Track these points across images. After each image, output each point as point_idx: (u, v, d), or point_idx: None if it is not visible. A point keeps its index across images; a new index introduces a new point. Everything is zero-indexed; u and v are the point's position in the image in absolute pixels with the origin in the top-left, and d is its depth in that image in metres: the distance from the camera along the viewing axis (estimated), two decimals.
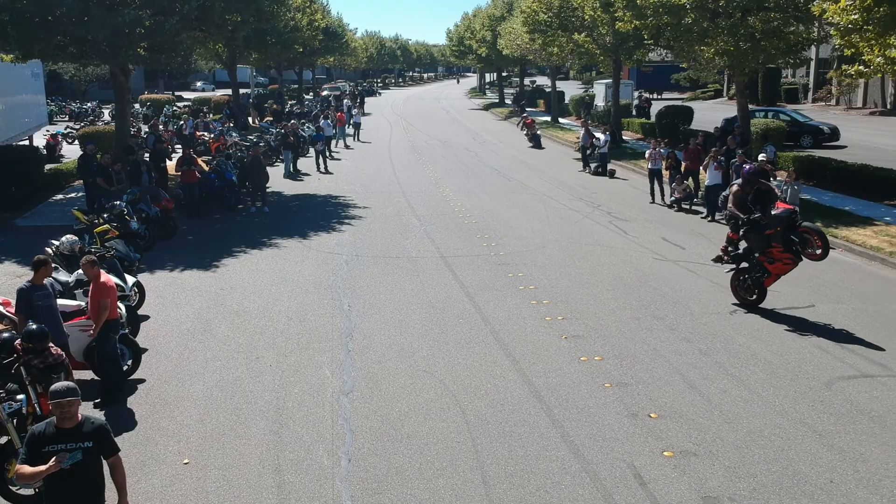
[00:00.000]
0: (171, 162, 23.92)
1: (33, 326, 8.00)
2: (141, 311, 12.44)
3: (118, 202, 16.35)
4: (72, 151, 32.23)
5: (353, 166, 31.04)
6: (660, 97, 64.37)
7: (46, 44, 20.72)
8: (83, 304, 10.45)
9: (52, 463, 5.40)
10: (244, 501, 7.42)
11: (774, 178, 20.10)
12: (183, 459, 8.17)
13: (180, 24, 21.18)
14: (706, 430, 8.60)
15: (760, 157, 19.20)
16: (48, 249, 13.01)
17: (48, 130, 35.03)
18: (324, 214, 21.03)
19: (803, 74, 59.00)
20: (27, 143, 29.35)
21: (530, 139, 37.65)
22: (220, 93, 68.04)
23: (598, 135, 28.63)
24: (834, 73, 24.44)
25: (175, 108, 49.27)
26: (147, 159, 22.50)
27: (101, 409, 9.41)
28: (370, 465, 7.99)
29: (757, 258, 12.56)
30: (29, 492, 7.32)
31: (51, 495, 5.69)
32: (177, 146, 30.71)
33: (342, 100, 56.02)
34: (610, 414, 9.04)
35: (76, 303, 10.75)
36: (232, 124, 38.59)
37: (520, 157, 33.34)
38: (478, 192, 24.23)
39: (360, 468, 7.93)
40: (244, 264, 15.93)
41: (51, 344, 7.97)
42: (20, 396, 7.72)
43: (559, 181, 26.23)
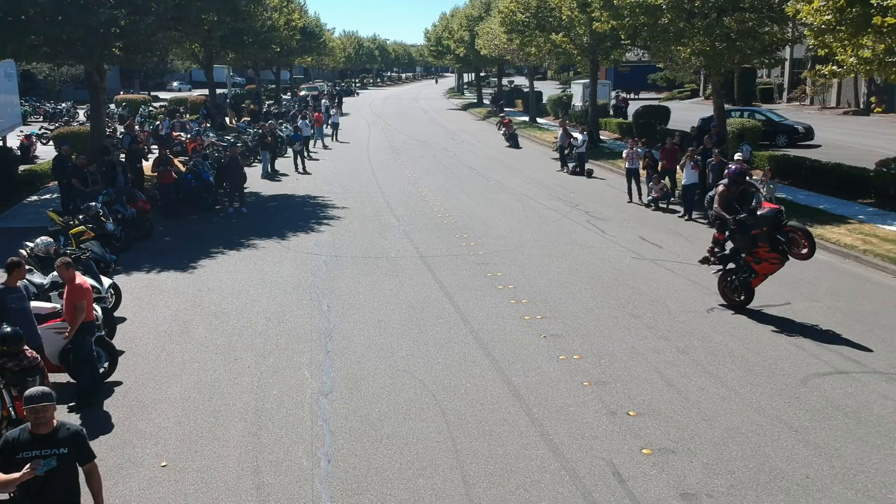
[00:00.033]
0: (148, 162, 23.74)
1: (7, 329, 7.91)
2: (117, 313, 12.34)
3: (94, 203, 16.20)
4: (46, 152, 31.88)
5: (331, 166, 30.95)
6: (637, 97, 64.74)
7: (20, 43, 20.48)
8: (58, 306, 10.34)
9: (26, 470, 5.31)
10: None
11: (750, 177, 20.29)
12: (161, 462, 8.10)
13: (156, 23, 21.02)
14: (684, 428, 8.66)
15: (736, 156, 19.38)
16: (22, 251, 12.85)
17: (22, 131, 34.54)
18: (302, 215, 20.95)
19: (778, 74, 59.60)
20: (0, 144, 28.99)
21: (508, 139, 37.75)
22: (196, 93, 67.58)
23: (575, 135, 28.75)
24: (808, 73, 24.70)
25: (151, 108, 48.88)
26: (123, 160, 22.29)
27: (77, 413, 9.32)
28: (350, 465, 7.97)
29: (743, 258, 12.47)
30: (3, 496, 7.23)
31: (25, 503, 5.61)
32: (153, 147, 30.50)
33: (320, 100, 55.83)
34: (589, 412, 9.08)
35: (51, 305, 10.64)
36: (209, 124, 38.38)
37: (498, 156, 33.41)
38: (456, 191, 24.25)
39: (339, 469, 7.91)
40: (222, 265, 15.83)
41: (25, 347, 7.88)
42: None
43: (537, 181, 26.31)
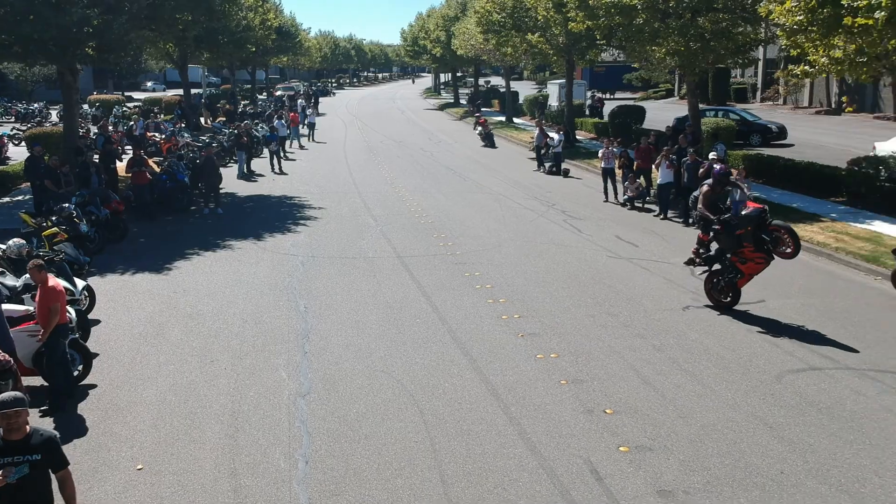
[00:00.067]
0: (122, 163, 23.56)
1: None
2: (91, 316, 12.20)
3: (67, 205, 16.03)
4: (18, 153, 31.45)
5: (307, 167, 30.84)
6: (612, 97, 65.04)
7: None
8: (31, 308, 10.22)
9: None
10: None
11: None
12: (136, 465, 8.04)
13: (129, 23, 20.84)
14: (661, 425, 8.73)
15: (711, 155, 19.51)
16: None
17: None
18: (279, 215, 20.86)
19: (752, 74, 60.19)
20: None
21: (483, 138, 37.83)
22: (171, 93, 67.01)
23: (552, 134, 28.85)
24: (781, 73, 24.99)
25: (125, 108, 48.44)
26: (96, 161, 22.08)
27: (51, 416, 9.21)
28: (328, 466, 7.95)
29: (729, 259, 12.42)
30: None
31: None
32: (127, 147, 30.23)
33: (296, 100, 55.60)
34: (566, 410, 9.12)
35: (24, 308, 10.51)
36: (184, 125, 38.08)
37: (475, 156, 33.45)
38: (433, 191, 24.25)
39: (317, 470, 7.88)
40: (197, 267, 15.72)
41: None
42: None
43: (514, 181, 26.38)
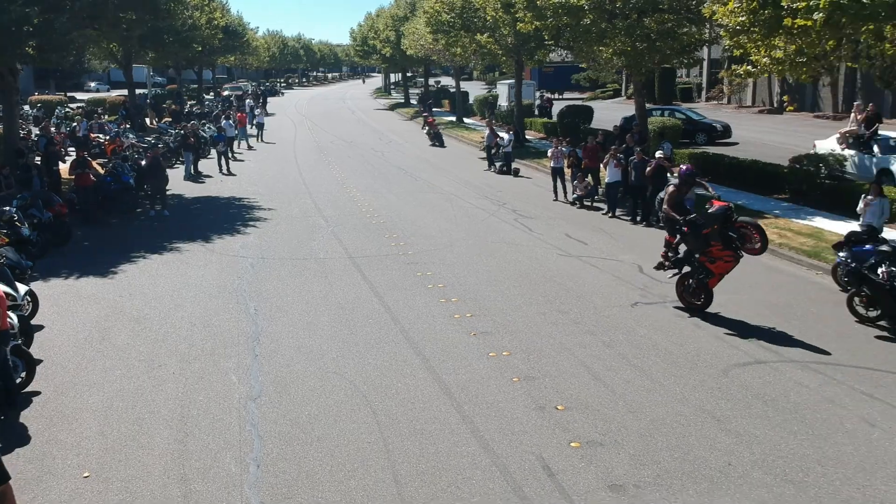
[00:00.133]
0: (65, 165, 23.07)
1: None
2: (34, 321, 11.89)
3: (8, 208, 15.67)
4: None
5: (256, 167, 30.53)
6: (561, 97, 65.60)
7: None
8: None
9: None
10: None
11: (671, 174, 20.82)
12: (83, 473, 7.86)
13: (71, 21, 20.40)
14: (611, 420, 8.83)
15: (658, 153, 19.83)
16: None
17: None
18: (227, 217, 20.60)
19: (697, 74, 61.28)
20: None
21: (432, 138, 37.92)
22: (115, 93, 65.73)
23: (502, 134, 29.00)
24: (725, 72, 25.50)
25: (67, 109, 47.34)
26: (38, 163, 21.60)
27: None
28: (279, 470, 7.88)
29: (698, 259, 12.25)
30: None
31: None
32: (70, 149, 29.62)
33: (244, 100, 54.94)
34: (518, 408, 9.18)
35: None
36: (129, 125, 37.44)
37: (426, 156, 33.46)
38: (385, 191, 24.20)
39: (269, 474, 7.81)
40: (143, 270, 15.45)
41: None
42: None
43: (465, 180, 26.46)
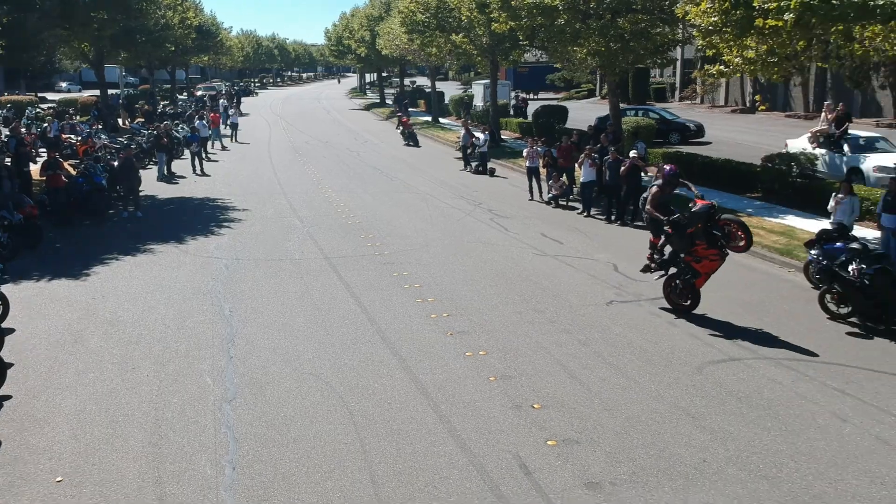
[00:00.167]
0: (35, 166, 22.74)
1: None
2: (5, 324, 11.70)
3: None
4: None
5: (230, 168, 30.33)
6: (536, 97, 65.84)
7: None
8: None
9: None
10: None
11: (646, 173, 20.97)
12: (55, 477, 7.76)
13: (42, 21, 20.18)
14: (587, 418, 8.88)
15: (631, 153, 19.96)
16: None
17: None
18: (201, 218, 20.45)
19: (670, 74, 61.77)
20: None
21: (406, 137, 37.93)
22: (87, 93, 64.88)
23: (477, 134, 29.03)
24: (698, 72, 25.69)
25: (38, 109, 46.66)
26: (8, 164, 21.26)
27: None
28: (255, 472, 7.83)
29: (683, 259, 12.17)
30: None
31: None
32: (41, 150, 29.25)
33: (218, 100, 54.60)
34: (495, 407, 9.20)
35: None
36: (101, 126, 36.97)
37: (401, 156, 33.43)
38: (360, 192, 24.14)
39: (245, 476, 7.76)
40: (117, 272, 15.29)
41: None
42: None
43: (441, 180, 26.46)
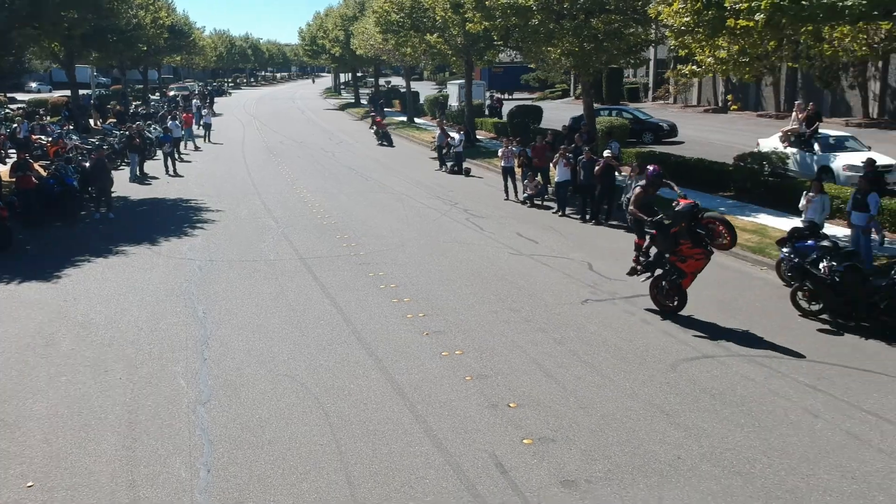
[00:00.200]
0: (5, 167, 22.44)
1: None
2: None
3: None
4: None
5: (204, 168, 30.11)
6: (511, 97, 66.00)
7: None
8: None
9: None
10: None
11: (620, 172, 21.09)
12: (27, 482, 7.66)
13: (10, 20, 19.90)
14: (563, 417, 8.91)
15: (605, 153, 20.06)
16: None
17: None
18: (174, 219, 20.27)
19: (643, 74, 62.18)
20: None
21: (380, 137, 37.91)
22: (57, 94, 64.16)
23: (453, 134, 29.05)
24: (670, 72, 25.94)
25: (7, 110, 46.08)
26: None
27: None
28: (230, 474, 7.78)
29: (668, 260, 12.15)
30: None
31: None
32: (10, 151, 28.86)
33: (191, 100, 54.19)
34: (471, 406, 9.21)
35: None
36: (72, 126, 36.60)
37: (377, 156, 33.36)
38: (335, 192, 24.07)
39: (219, 478, 7.70)
40: (88, 274, 15.12)
41: None
42: None
43: (416, 180, 26.45)
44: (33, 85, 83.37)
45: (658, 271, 12.52)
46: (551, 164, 21.52)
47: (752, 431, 8.55)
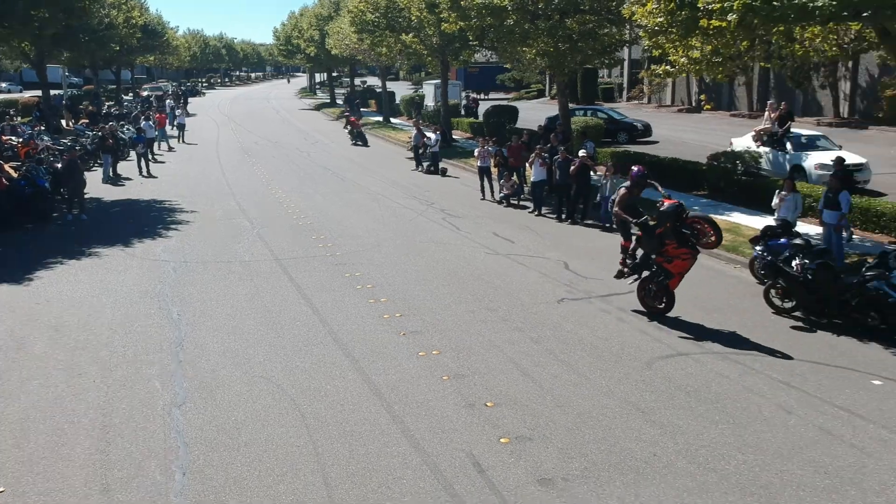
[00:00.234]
0: None
1: None
2: None
3: None
4: None
5: (178, 169, 29.88)
6: (486, 97, 66.10)
7: None
8: None
9: None
10: None
11: (595, 172, 21.19)
12: None
13: None
14: (539, 415, 8.94)
15: (581, 153, 20.15)
16: None
17: None
18: (148, 220, 20.09)
19: (618, 74, 62.53)
20: None
21: (355, 137, 37.86)
22: (28, 94, 63.30)
23: (429, 134, 29.06)
24: (644, 72, 26.04)
25: None
26: None
27: None
28: (206, 477, 7.72)
29: (655, 261, 12.11)
30: None
31: None
32: None
33: (164, 100, 53.72)
34: (448, 406, 9.21)
35: None
36: (43, 127, 36.11)
37: (352, 156, 33.28)
38: (311, 192, 23.97)
39: (195, 481, 7.64)
40: (61, 276, 14.94)
41: None
42: None
43: (392, 180, 26.41)
44: (3, 85, 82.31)
45: (645, 273, 12.47)
46: (527, 164, 21.59)
47: (727, 428, 8.63)
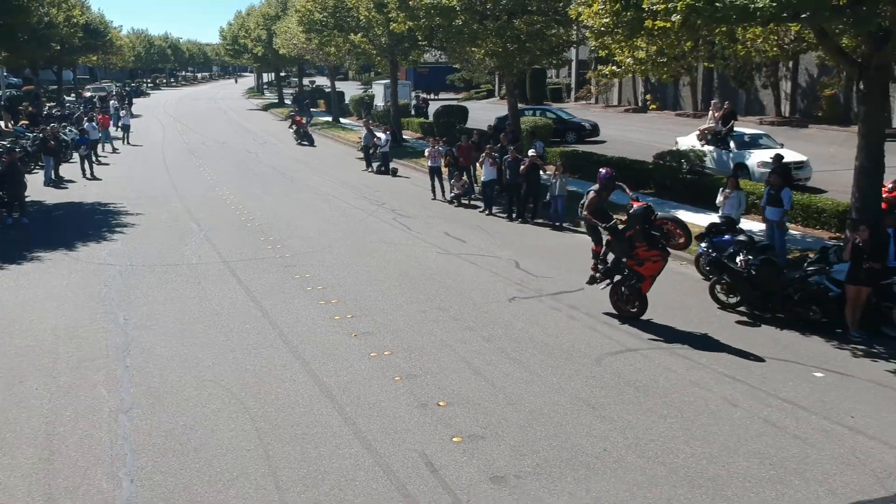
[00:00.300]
0: None
1: None
2: None
3: None
4: None
5: (122, 171, 29.33)
6: (436, 97, 66.00)
7: None
8: None
9: None
10: None
11: (544, 171, 21.36)
12: None
13: None
14: (492, 414, 8.98)
15: (530, 152, 20.30)
16: None
17: None
18: (92, 223, 19.67)
19: (566, 75, 63.07)
20: None
21: (301, 136, 37.64)
22: None
23: (379, 134, 28.97)
24: (592, 73, 26.40)
25: None
26: None
27: None
28: (155, 483, 7.59)
29: (626, 264, 12.03)
30: None
31: None
32: None
33: (108, 101, 52.66)
34: (401, 406, 9.20)
35: None
36: None
37: (302, 157, 33.02)
38: (260, 193, 23.73)
39: (143, 488, 7.51)
40: (1, 281, 14.54)
41: None
42: None
43: (343, 181, 26.28)
44: None
45: (617, 277, 12.42)
46: (477, 164, 21.67)
47: (675, 422, 8.78)
